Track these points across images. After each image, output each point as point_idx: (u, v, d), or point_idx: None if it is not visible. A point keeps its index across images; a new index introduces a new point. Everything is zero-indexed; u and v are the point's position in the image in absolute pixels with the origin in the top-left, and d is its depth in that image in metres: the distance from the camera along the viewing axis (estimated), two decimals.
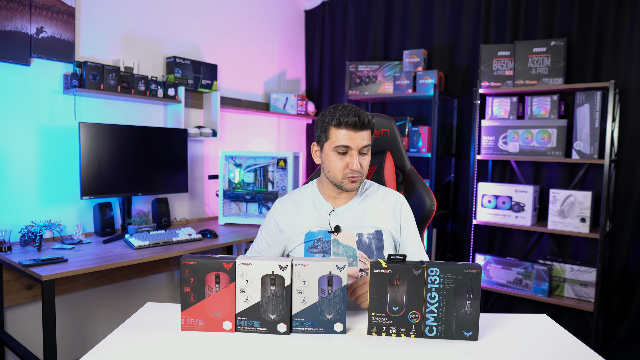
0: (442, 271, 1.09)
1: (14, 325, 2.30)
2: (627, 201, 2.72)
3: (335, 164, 1.37)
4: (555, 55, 2.73)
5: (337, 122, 1.34)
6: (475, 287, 1.08)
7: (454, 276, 1.09)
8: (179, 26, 2.98)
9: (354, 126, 1.33)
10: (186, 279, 1.11)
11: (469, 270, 1.08)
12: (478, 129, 2.96)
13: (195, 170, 3.11)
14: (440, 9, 3.30)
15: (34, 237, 2.16)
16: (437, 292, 1.09)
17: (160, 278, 2.99)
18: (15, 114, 2.26)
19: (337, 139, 1.35)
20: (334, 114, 1.35)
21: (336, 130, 1.35)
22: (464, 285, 1.09)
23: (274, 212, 1.50)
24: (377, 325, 1.12)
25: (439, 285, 1.09)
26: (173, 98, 2.77)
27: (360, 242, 1.41)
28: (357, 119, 1.32)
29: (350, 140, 1.34)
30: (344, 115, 1.33)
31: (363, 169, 1.38)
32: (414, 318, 1.11)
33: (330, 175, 1.39)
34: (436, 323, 1.10)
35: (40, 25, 2.29)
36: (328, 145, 1.38)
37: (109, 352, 1.02)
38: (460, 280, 1.08)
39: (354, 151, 1.35)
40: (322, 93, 3.92)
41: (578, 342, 1.11)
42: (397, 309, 1.11)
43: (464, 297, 1.09)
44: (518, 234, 3.11)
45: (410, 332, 1.11)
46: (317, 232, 1.42)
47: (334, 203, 1.45)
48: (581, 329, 2.81)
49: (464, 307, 1.09)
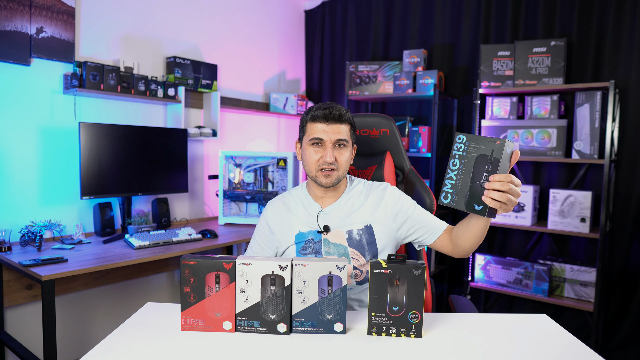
0: (468, 139, 1.08)
1: (14, 325, 2.30)
2: (627, 201, 2.72)
3: (309, 157, 1.40)
4: (555, 55, 2.73)
5: (312, 116, 1.40)
6: (495, 159, 1.06)
7: (477, 145, 1.07)
8: (179, 26, 2.98)
9: (325, 118, 1.37)
10: (186, 279, 1.11)
11: (492, 142, 1.06)
12: (478, 129, 2.96)
13: (195, 170, 3.11)
14: (440, 9, 3.30)
15: (34, 237, 2.16)
16: (459, 160, 1.09)
17: (160, 278, 2.99)
18: (15, 114, 2.26)
19: (311, 132, 1.40)
20: (309, 111, 1.41)
21: (311, 125, 1.40)
22: (484, 156, 1.07)
23: (265, 214, 1.52)
24: (377, 325, 1.12)
25: (462, 153, 1.08)
26: (173, 98, 2.77)
27: (350, 239, 1.41)
28: (328, 111, 1.37)
29: (323, 132, 1.38)
30: (317, 109, 1.39)
31: (338, 163, 1.39)
32: (414, 318, 1.10)
33: (307, 169, 1.43)
34: (452, 190, 1.10)
35: (40, 25, 2.29)
36: (305, 139, 1.42)
37: (109, 352, 1.02)
38: (482, 150, 1.07)
39: (328, 144, 1.38)
40: (322, 93, 3.92)
41: (578, 342, 1.11)
42: (397, 309, 1.11)
43: (482, 169, 1.07)
44: (518, 234, 3.11)
45: (411, 332, 1.11)
46: (307, 233, 1.43)
47: (321, 203, 1.46)
48: (581, 329, 2.81)
49: (480, 179, 1.07)
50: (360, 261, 1.40)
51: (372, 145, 1.75)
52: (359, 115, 1.78)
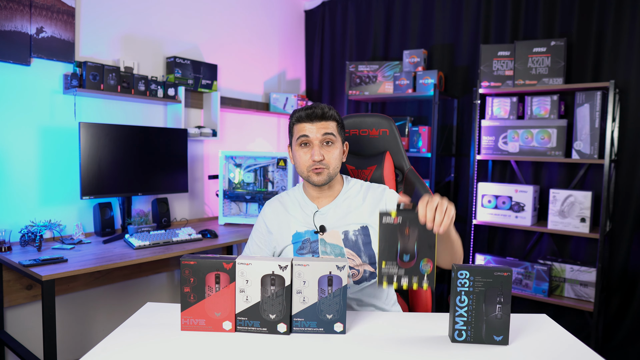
0: (472, 274, 1.06)
1: (14, 325, 2.30)
2: (627, 201, 2.72)
3: (299, 158, 1.41)
4: (555, 55, 2.73)
5: (296, 118, 1.41)
6: (506, 290, 1.06)
7: (484, 279, 1.06)
8: (179, 26, 2.98)
9: (308, 117, 1.38)
10: (186, 279, 1.11)
11: (500, 274, 1.06)
12: (478, 129, 2.96)
13: (195, 170, 3.11)
14: (440, 9, 3.30)
15: (34, 237, 2.16)
16: (466, 296, 1.07)
17: (160, 278, 2.99)
18: (15, 114, 2.26)
19: (297, 132, 1.41)
20: (294, 113, 1.43)
21: (297, 126, 1.41)
22: (494, 289, 1.06)
23: (263, 215, 1.52)
24: (388, 276, 1.09)
25: (468, 289, 1.07)
26: (173, 98, 2.77)
27: (346, 240, 1.41)
28: (310, 110, 1.38)
29: (309, 131, 1.38)
30: (300, 110, 1.41)
31: (327, 160, 1.39)
32: (426, 268, 1.08)
33: (299, 170, 1.43)
34: (465, 327, 1.08)
35: (40, 25, 2.29)
36: (293, 141, 1.43)
37: (109, 352, 1.02)
38: (491, 284, 1.06)
39: (314, 141, 1.38)
40: (322, 93, 3.92)
41: (578, 342, 1.10)
42: (409, 258, 1.08)
43: (494, 301, 1.06)
44: (518, 234, 3.11)
45: (423, 282, 1.08)
46: (304, 233, 1.43)
47: (318, 203, 1.47)
48: (581, 329, 2.81)
49: (494, 311, 1.07)
50: (356, 261, 1.41)
51: (372, 145, 1.75)
52: (358, 116, 1.79)
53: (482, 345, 1.08)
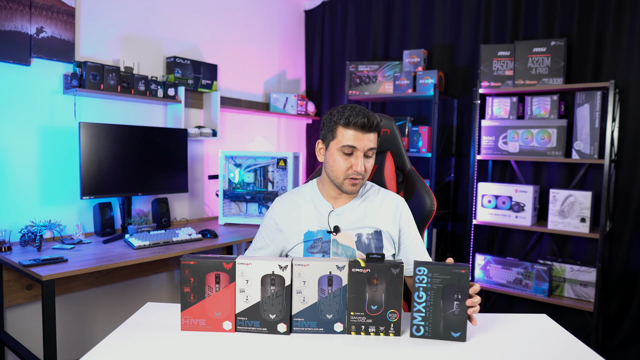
0: (430, 271, 1.09)
1: (14, 325, 2.30)
2: (627, 201, 2.72)
3: (339, 164, 1.36)
4: (555, 55, 2.73)
5: (346, 121, 1.33)
6: (464, 287, 1.08)
7: (442, 276, 1.08)
8: (179, 26, 2.98)
9: (362, 127, 1.32)
10: (186, 279, 1.11)
11: (457, 271, 1.08)
12: (478, 129, 2.96)
13: (195, 170, 3.11)
14: (440, 9, 3.30)
15: (34, 237, 2.16)
16: (424, 292, 1.09)
17: (160, 278, 2.99)
18: (15, 114, 2.26)
19: (343, 139, 1.34)
20: (342, 113, 1.34)
21: (344, 130, 1.34)
22: (452, 286, 1.08)
23: (272, 211, 1.49)
24: (356, 325, 1.12)
25: (427, 285, 1.09)
26: (173, 98, 2.77)
27: (359, 243, 1.41)
28: (366, 120, 1.31)
29: (357, 141, 1.33)
30: (353, 115, 1.32)
31: (366, 171, 1.36)
32: (392, 317, 1.11)
33: (333, 174, 1.38)
34: (424, 323, 1.10)
35: (40, 25, 2.29)
36: (334, 144, 1.36)
37: (109, 352, 1.02)
38: (448, 280, 1.08)
39: (360, 152, 1.34)
40: (322, 93, 3.92)
41: (578, 342, 1.11)
42: (376, 307, 1.11)
43: (452, 298, 1.08)
44: (518, 234, 3.11)
45: (389, 331, 1.12)
46: (317, 232, 1.41)
47: (334, 203, 1.45)
48: (581, 329, 2.81)
49: (452, 308, 1.09)
50: None
51: None
52: None
53: (441, 341, 1.09)
